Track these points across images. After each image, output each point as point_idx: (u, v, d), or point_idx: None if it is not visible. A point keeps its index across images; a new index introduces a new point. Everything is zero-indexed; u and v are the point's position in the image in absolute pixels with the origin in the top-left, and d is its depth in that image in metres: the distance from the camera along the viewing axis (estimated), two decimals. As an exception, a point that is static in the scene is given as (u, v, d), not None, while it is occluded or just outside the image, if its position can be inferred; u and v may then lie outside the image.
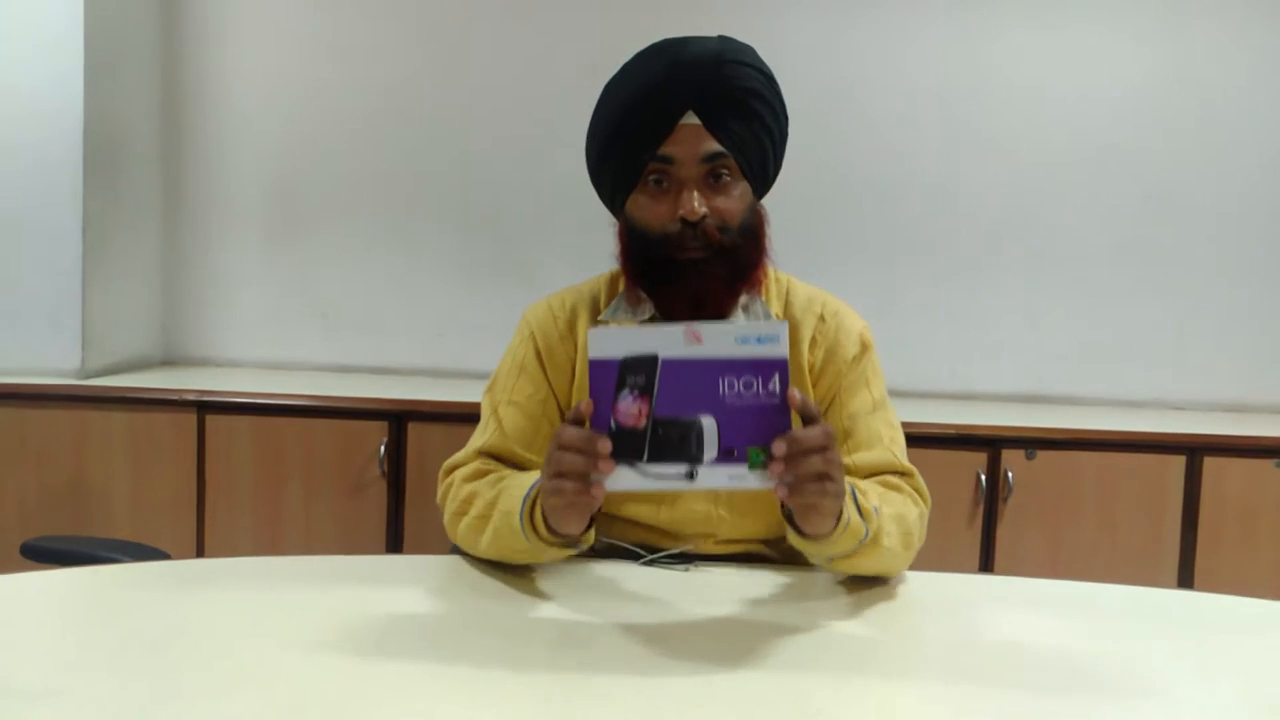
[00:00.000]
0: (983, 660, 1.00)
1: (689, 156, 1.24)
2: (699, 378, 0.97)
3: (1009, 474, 2.30)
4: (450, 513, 1.28)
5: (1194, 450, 2.31)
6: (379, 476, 2.36)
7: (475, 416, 1.38)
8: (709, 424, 0.97)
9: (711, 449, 0.97)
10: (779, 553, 1.32)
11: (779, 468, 0.97)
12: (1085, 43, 2.75)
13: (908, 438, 1.35)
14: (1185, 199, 2.76)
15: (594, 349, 0.99)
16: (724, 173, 1.25)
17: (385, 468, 2.36)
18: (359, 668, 0.92)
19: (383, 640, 0.99)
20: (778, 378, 0.97)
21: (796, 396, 0.97)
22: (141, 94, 2.77)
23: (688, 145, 1.24)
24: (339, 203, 2.88)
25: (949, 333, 2.81)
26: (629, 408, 0.98)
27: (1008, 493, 2.30)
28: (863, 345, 1.35)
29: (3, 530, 2.36)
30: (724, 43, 1.28)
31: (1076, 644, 1.05)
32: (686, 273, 1.24)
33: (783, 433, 0.97)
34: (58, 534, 2.28)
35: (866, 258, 2.80)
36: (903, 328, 2.77)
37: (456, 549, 1.30)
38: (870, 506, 1.12)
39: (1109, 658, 1.02)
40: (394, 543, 2.38)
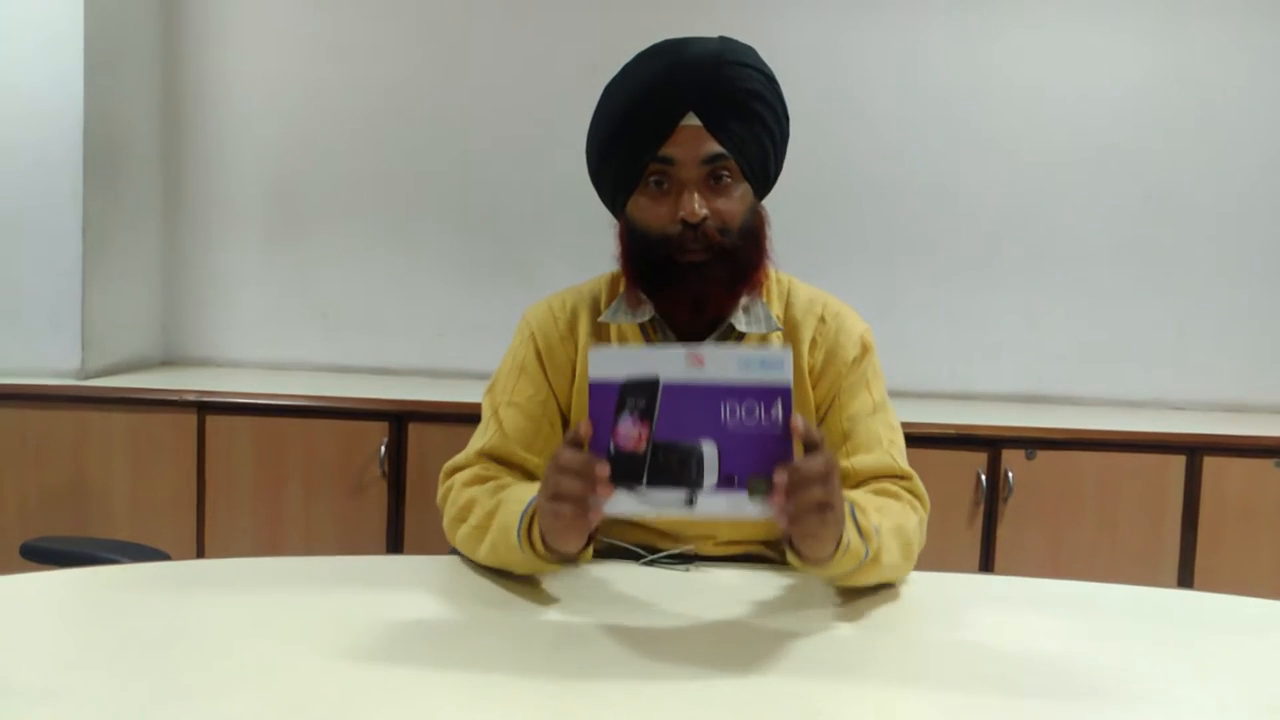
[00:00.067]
0: (983, 661, 1.00)
1: (689, 158, 1.23)
2: (701, 402, 0.95)
3: (1009, 474, 2.30)
4: (449, 518, 1.28)
5: (1194, 450, 2.31)
6: (379, 477, 2.37)
7: (476, 417, 1.39)
8: (710, 450, 0.95)
9: (711, 475, 0.95)
10: (779, 554, 1.32)
11: (780, 498, 0.95)
12: (1085, 43, 2.75)
13: (908, 438, 1.35)
14: (1185, 199, 2.76)
15: (594, 371, 0.97)
16: (725, 174, 1.25)
17: (385, 468, 2.36)
18: (359, 668, 0.92)
19: (383, 641, 0.99)
20: (780, 405, 0.94)
21: (799, 425, 0.95)
22: (141, 94, 2.77)
23: (688, 147, 1.23)
24: (339, 203, 2.88)
25: (949, 333, 2.81)
26: (629, 431, 0.96)
27: (1008, 493, 2.30)
28: (863, 347, 1.35)
29: (3, 531, 2.36)
30: (725, 44, 1.27)
31: (1076, 644, 1.05)
32: (687, 275, 1.24)
33: (784, 461, 0.95)
34: (58, 534, 2.28)
35: (866, 258, 2.80)
36: (903, 328, 2.77)
37: (456, 550, 1.31)
38: (870, 526, 1.10)
39: (1109, 658, 1.02)
40: (394, 543, 2.38)
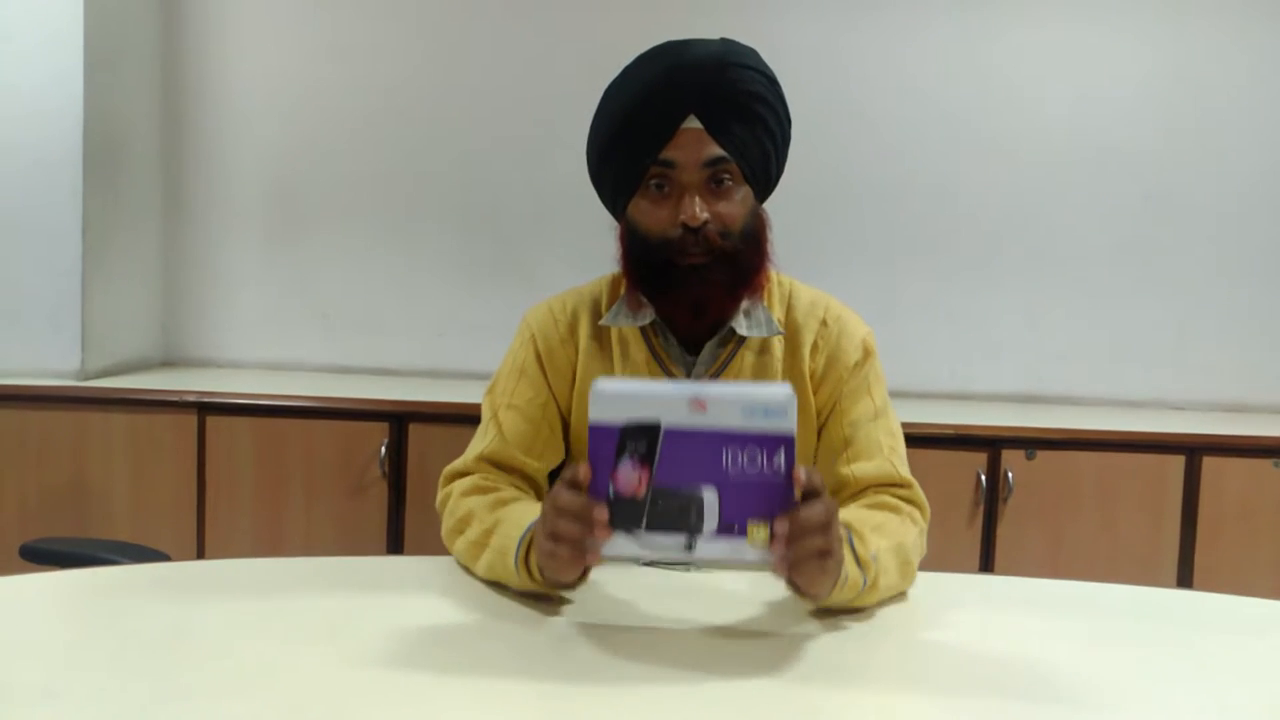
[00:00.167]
0: (983, 662, 1.00)
1: (690, 161, 1.23)
2: (702, 448, 0.93)
3: (1009, 474, 2.30)
4: (447, 528, 1.27)
5: (1193, 450, 2.31)
6: (380, 478, 2.37)
7: (476, 417, 1.38)
8: (710, 496, 0.94)
9: (711, 522, 0.94)
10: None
11: (780, 547, 0.94)
12: (1085, 43, 2.75)
13: (908, 439, 1.35)
14: (1185, 199, 2.76)
15: (594, 413, 0.95)
16: (726, 177, 1.24)
17: (386, 469, 2.36)
18: (359, 669, 0.92)
19: (383, 642, 0.99)
20: (783, 453, 0.93)
21: (801, 475, 0.94)
22: (141, 93, 2.77)
23: (689, 149, 1.23)
24: (339, 203, 2.88)
25: (949, 333, 2.81)
26: (628, 475, 0.95)
27: (1008, 493, 2.30)
28: (865, 351, 1.34)
29: (2, 532, 2.36)
30: (726, 45, 1.26)
31: (1076, 645, 1.05)
32: (688, 279, 1.23)
33: (785, 509, 0.94)
34: (58, 535, 2.28)
35: (866, 258, 2.80)
36: (903, 328, 2.77)
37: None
38: (868, 555, 1.09)
39: (1109, 659, 1.02)
40: (395, 544, 2.38)
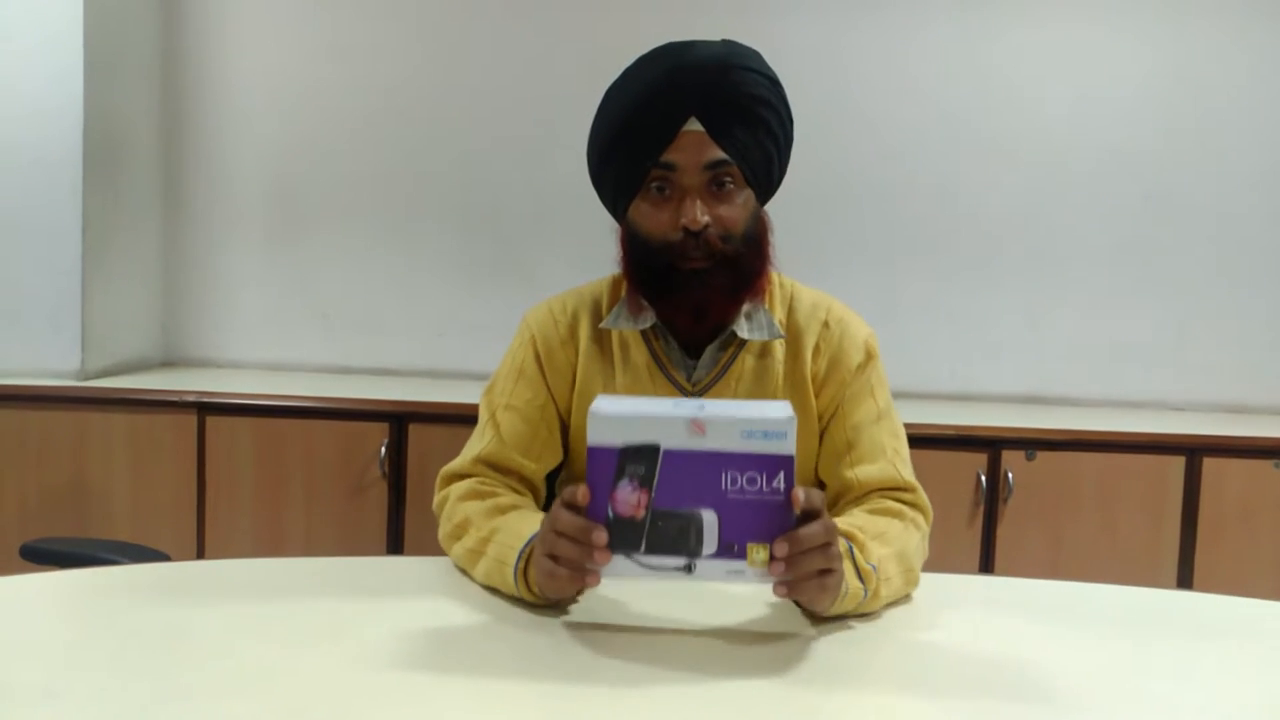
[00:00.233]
0: (983, 663, 1.00)
1: (692, 164, 1.22)
2: (701, 470, 0.94)
3: (1009, 475, 2.30)
4: (445, 532, 1.26)
5: (1194, 451, 2.31)
6: (380, 478, 2.37)
7: (476, 418, 1.37)
8: (709, 518, 0.94)
9: (711, 543, 0.94)
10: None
11: (780, 568, 0.95)
12: (1085, 43, 2.75)
13: (908, 439, 1.34)
14: (1185, 199, 2.76)
15: (593, 435, 0.95)
16: (727, 180, 1.23)
17: (386, 469, 2.36)
18: (359, 669, 0.92)
19: (383, 642, 0.99)
20: (783, 475, 0.94)
21: (800, 496, 0.95)
22: (141, 93, 2.77)
23: (690, 153, 1.22)
24: (339, 203, 2.88)
25: (949, 333, 2.81)
26: (627, 498, 0.95)
27: (1008, 493, 2.30)
28: (867, 353, 1.33)
29: (2, 532, 2.36)
30: (729, 47, 1.25)
31: (1076, 646, 1.05)
32: (688, 283, 1.23)
33: (784, 530, 0.95)
34: (58, 535, 2.28)
35: (866, 258, 2.80)
36: (903, 328, 2.77)
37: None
38: (869, 565, 1.08)
39: (1109, 659, 1.02)
40: (395, 544, 2.38)
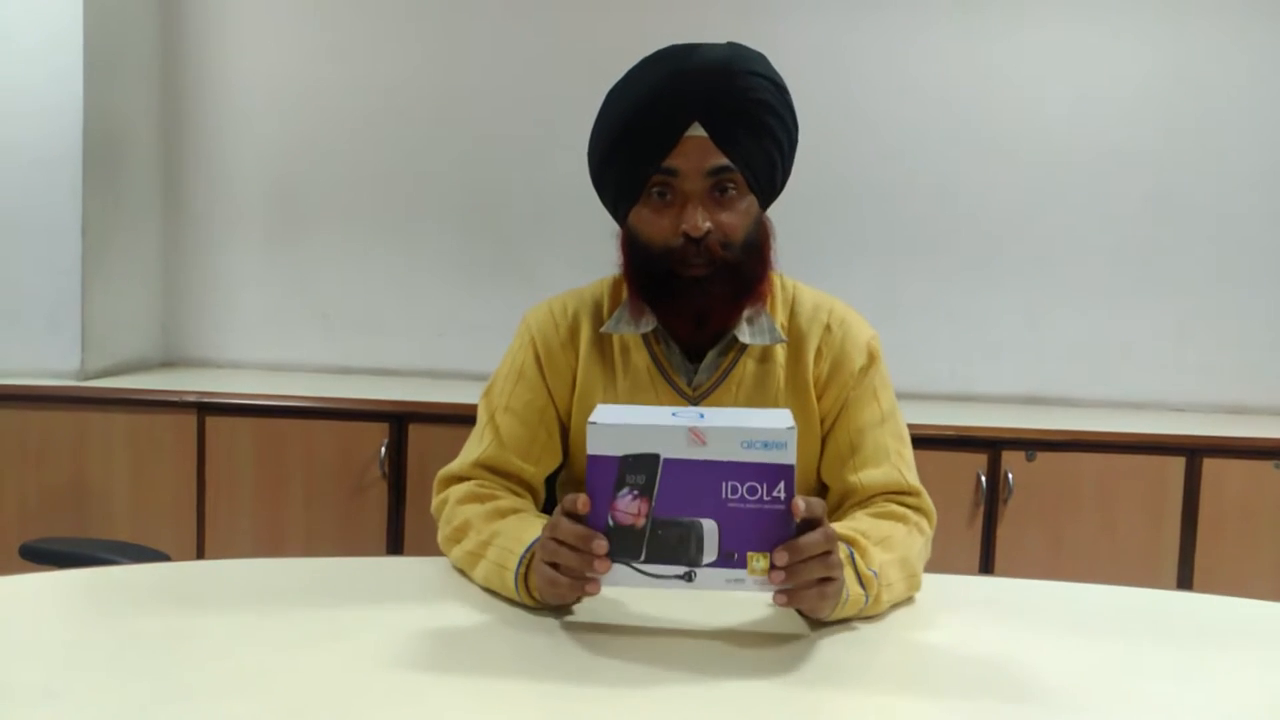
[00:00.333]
0: (982, 663, 1.00)
1: (694, 170, 1.20)
2: (701, 479, 0.94)
3: (1009, 475, 2.30)
4: (444, 535, 1.26)
5: (1194, 451, 2.31)
6: (379, 478, 2.36)
7: (475, 419, 1.36)
8: (709, 527, 0.95)
9: (711, 552, 0.95)
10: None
11: (780, 576, 0.95)
12: (1085, 43, 2.75)
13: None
14: (1185, 199, 2.76)
15: (593, 445, 0.96)
16: (730, 186, 1.22)
17: (386, 469, 2.36)
18: (359, 669, 0.92)
19: (382, 643, 0.99)
20: (783, 485, 0.94)
21: (800, 505, 0.95)
22: (141, 92, 2.77)
23: (693, 158, 1.20)
24: (339, 203, 2.88)
25: (949, 333, 2.81)
26: (628, 507, 0.96)
27: (1008, 494, 2.30)
28: (870, 356, 1.32)
29: (2, 532, 2.36)
30: (734, 51, 1.23)
31: (1076, 645, 1.05)
32: (689, 289, 1.22)
33: (784, 539, 0.95)
34: (57, 535, 2.28)
35: (867, 258, 2.80)
36: (903, 328, 2.76)
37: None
38: (870, 571, 1.08)
39: (1109, 660, 1.02)
40: (394, 544, 2.38)
